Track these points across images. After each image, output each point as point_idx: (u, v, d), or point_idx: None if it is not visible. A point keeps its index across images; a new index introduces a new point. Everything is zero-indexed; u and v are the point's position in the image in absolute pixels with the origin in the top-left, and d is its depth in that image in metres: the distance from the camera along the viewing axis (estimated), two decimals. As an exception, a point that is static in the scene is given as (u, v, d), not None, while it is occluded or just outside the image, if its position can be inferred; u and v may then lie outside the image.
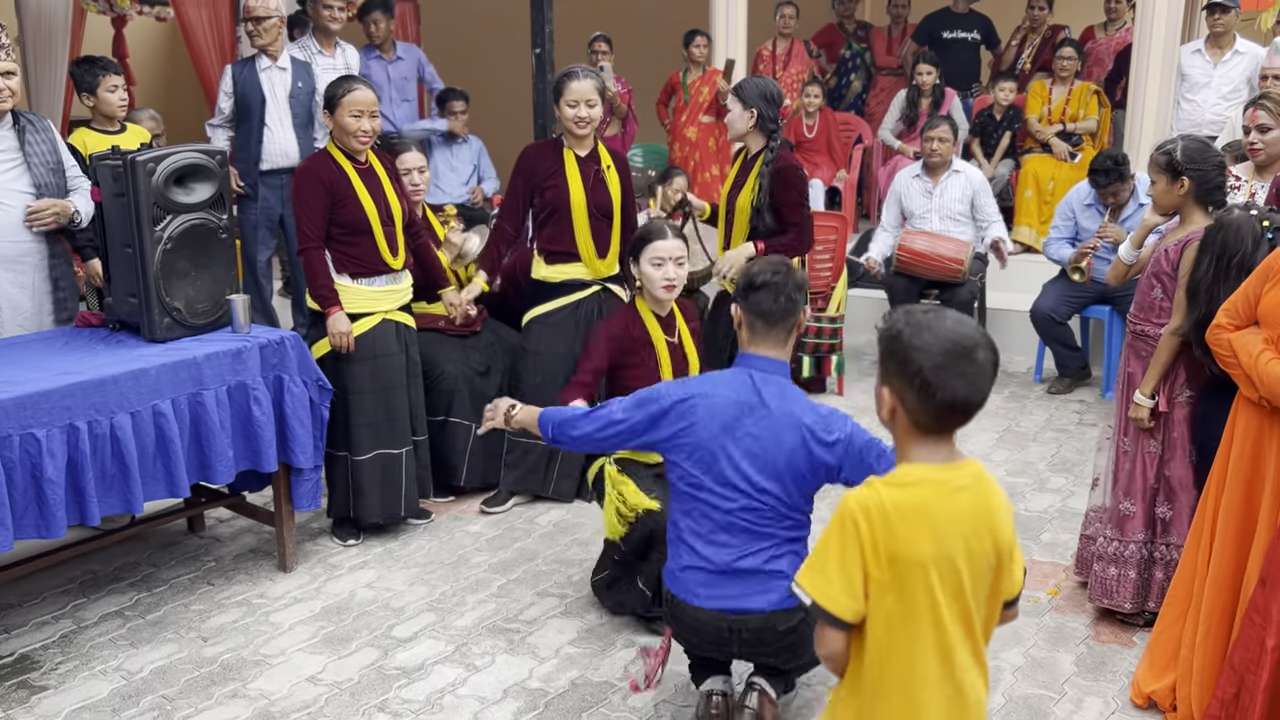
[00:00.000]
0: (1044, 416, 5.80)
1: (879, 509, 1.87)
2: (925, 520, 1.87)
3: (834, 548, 1.91)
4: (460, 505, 4.75)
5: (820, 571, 1.92)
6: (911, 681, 1.92)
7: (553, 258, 4.58)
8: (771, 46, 8.37)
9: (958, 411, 1.87)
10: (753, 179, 4.61)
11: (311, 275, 4.14)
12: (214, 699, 3.34)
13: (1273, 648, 2.72)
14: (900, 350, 1.87)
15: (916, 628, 1.90)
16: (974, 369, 1.84)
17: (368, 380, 4.22)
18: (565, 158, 4.52)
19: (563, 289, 4.59)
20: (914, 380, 1.85)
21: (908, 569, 1.87)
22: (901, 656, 1.91)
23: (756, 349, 2.90)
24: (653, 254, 3.74)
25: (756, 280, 2.85)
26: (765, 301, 2.84)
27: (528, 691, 3.38)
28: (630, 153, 7.97)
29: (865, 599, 1.91)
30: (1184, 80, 6.91)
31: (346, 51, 6.35)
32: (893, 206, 6.48)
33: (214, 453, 3.74)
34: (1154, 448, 3.53)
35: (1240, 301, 3.01)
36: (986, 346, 1.87)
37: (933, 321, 1.87)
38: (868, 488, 1.91)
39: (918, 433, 1.91)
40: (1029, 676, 3.42)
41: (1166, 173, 3.42)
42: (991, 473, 1.99)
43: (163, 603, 3.91)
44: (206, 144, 4.02)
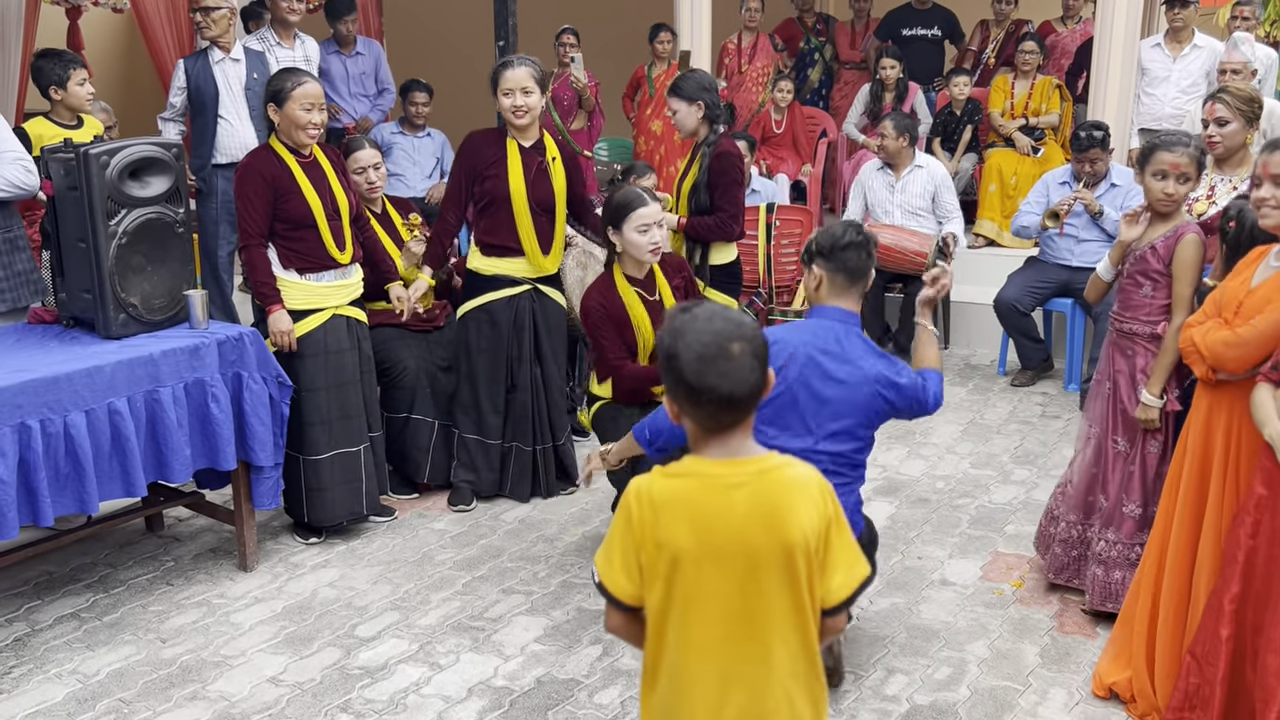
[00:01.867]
0: (1007, 409, 5.83)
1: (649, 496, 1.88)
2: (688, 512, 1.86)
3: (618, 530, 1.92)
4: (424, 502, 4.71)
5: (606, 551, 1.95)
6: (685, 677, 1.91)
7: (489, 250, 4.48)
8: (737, 40, 8.36)
9: (727, 407, 1.84)
10: (695, 166, 4.65)
11: (252, 272, 4.07)
12: (173, 701, 3.28)
13: (1227, 638, 2.75)
14: (666, 361, 1.87)
15: (686, 621, 1.88)
16: (730, 364, 1.82)
17: (320, 377, 4.16)
18: (508, 147, 4.42)
19: (493, 283, 4.49)
20: (680, 388, 1.85)
21: (672, 559, 1.86)
22: (674, 649, 1.91)
23: (834, 302, 3.09)
24: (638, 221, 3.87)
25: (843, 240, 3.05)
26: (852, 259, 3.05)
27: (493, 690, 3.35)
28: (596, 146, 7.93)
29: (642, 584, 1.92)
30: (1144, 74, 6.97)
31: (306, 44, 6.27)
32: (857, 199, 6.50)
33: (171, 451, 3.68)
34: (1154, 448, 3.52)
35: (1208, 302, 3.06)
36: (742, 337, 1.84)
37: (688, 325, 1.85)
38: (648, 475, 1.91)
39: (704, 432, 1.89)
40: (994, 668, 3.44)
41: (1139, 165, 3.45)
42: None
43: (120, 604, 3.85)
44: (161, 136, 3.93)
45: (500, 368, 4.53)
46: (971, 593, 3.91)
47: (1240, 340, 2.84)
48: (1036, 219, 5.98)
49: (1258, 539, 2.68)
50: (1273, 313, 2.79)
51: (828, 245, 3.07)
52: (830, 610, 1.95)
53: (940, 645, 3.57)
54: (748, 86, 8.25)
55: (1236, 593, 2.73)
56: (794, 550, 1.87)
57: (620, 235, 3.93)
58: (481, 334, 4.53)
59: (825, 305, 3.11)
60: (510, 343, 4.52)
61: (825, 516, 1.91)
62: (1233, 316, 2.90)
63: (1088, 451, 3.68)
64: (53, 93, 4.80)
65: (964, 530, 4.39)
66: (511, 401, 4.58)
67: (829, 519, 1.91)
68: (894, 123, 6.29)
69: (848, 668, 3.43)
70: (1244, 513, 2.73)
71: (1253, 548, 2.70)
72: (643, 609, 1.95)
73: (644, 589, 1.92)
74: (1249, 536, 2.70)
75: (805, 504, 1.88)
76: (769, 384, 1.89)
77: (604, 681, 3.38)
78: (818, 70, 8.89)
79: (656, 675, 1.96)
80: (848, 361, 3.03)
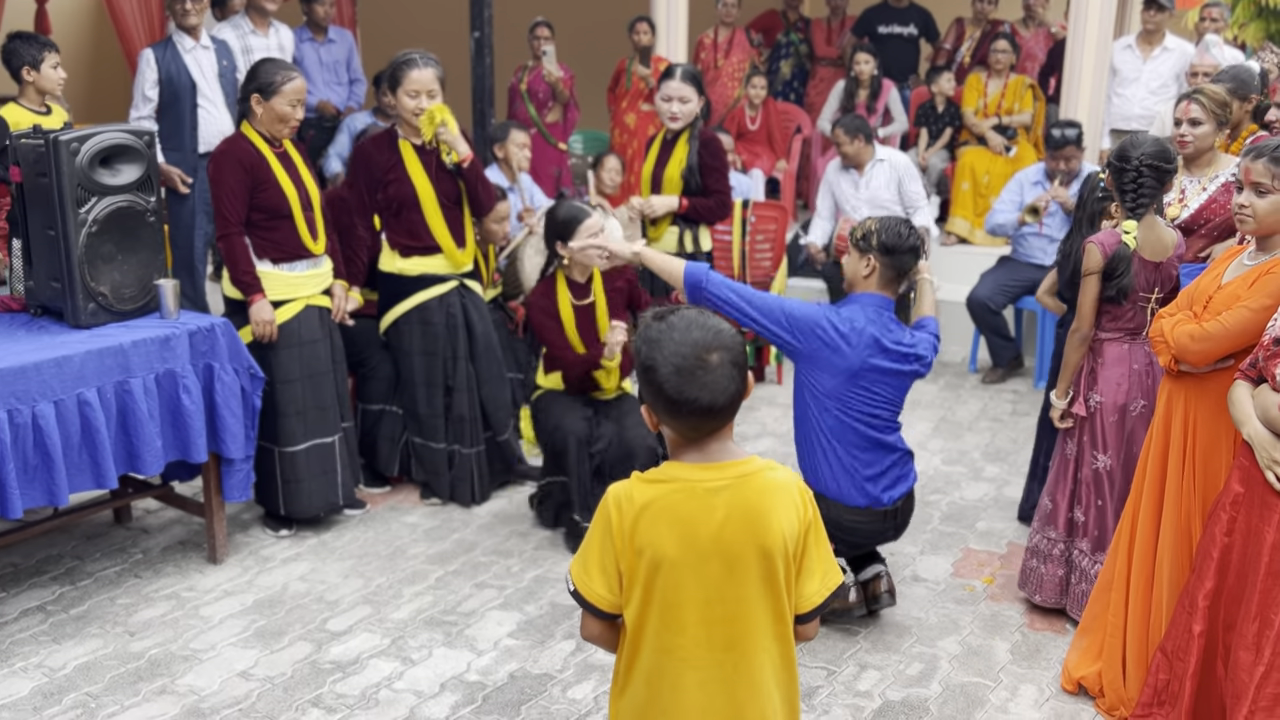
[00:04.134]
0: (978, 406, 5.87)
1: (629, 502, 1.86)
2: (670, 518, 1.84)
3: (595, 537, 1.90)
4: (396, 496, 4.68)
5: (582, 559, 1.93)
6: (662, 683, 1.90)
7: (409, 251, 4.40)
8: (713, 35, 8.35)
9: (706, 417, 1.83)
10: (681, 151, 4.78)
11: (232, 261, 4.02)
12: (141, 695, 3.25)
13: (1199, 634, 2.78)
14: (643, 371, 1.86)
15: (665, 627, 1.87)
16: (709, 374, 1.80)
17: (295, 367, 4.13)
18: (403, 150, 4.33)
19: (421, 283, 4.44)
20: (659, 400, 1.84)
21: (653, 565, 1.85)
22: (653, 654, 1.90)
23: (880, 291, 3.43)
24: (586, 234, 4.02)
25: (906, 244, 3.38)
26: (908, 262, 3.41)
27: (466, 684, 3.33)
28: (571, 139, 7.91)
29: (621, 591, 1.90)
30: (1114, 75, 7.03)
31: (280, 31, 6.21)
32: (826, 196, 6.54)
33: (142, 442, 3.63)
34: (1071, 449, 3.57)
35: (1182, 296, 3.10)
36: (721, 346, 1.82)
37: (664, 336, 1.83)
38: (627, 481, 1.90)
39: (682, 440, 1.88)
40: (965, 665, 3.46)
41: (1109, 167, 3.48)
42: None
43: (87, 596, 3.80)
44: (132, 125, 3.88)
45: (437, 370, 4.46)
46: (943, 589, 3.93)
47: (1205, 335, 2.90)
48: (1011, 217, 6.02)
49: (1233, 536, 2.72)
50: (1238, 310, 2.85)
51: (892, 244, 3.37)
52: (802, 617, 1.94)
53: (912, 641, 3.59)
54: (723, 82, 8.25)
55: (1210, 589, 2.76)
56: (773, 554, 1.86)
57: (569, 249, 4.06)
58: (414, 336, 4.45)
59: (872, 293, 3.43)
60: (445, 343, 4.45)
61: (804, 521, 1.90)
62: (1202, 310, 2.96)
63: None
64: (25, 74, 4.73)
65: (935, 527, 4.42)
66: (450, 403, 4.51)
67: (808, 523, 1.91)
68: (844, 128, 6.32)
69: (819, 664, 3.45)
70: (1219, 509, 2.77)
71: (1228, 545, 2.73)
72: (621, 616, 1.92)
73: (623, 596, 1.90)
74: (1224, 534, 2.73)
75: (785, 508, 1.87)
76: (749, 390, 1.89)
77: (577, 676, 3.38)
78: (790, 64, 8.90)
79: (629, 678, 1.95)
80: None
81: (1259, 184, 2.83)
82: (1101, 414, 3.48)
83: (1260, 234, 2.89)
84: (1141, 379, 3.46)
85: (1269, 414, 2.57)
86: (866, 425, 3.43)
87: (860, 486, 3.45)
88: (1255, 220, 2.86)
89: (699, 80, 4.81)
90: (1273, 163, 2.81)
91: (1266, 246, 2.90)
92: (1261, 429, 2.60)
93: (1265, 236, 2.89)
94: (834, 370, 3.37)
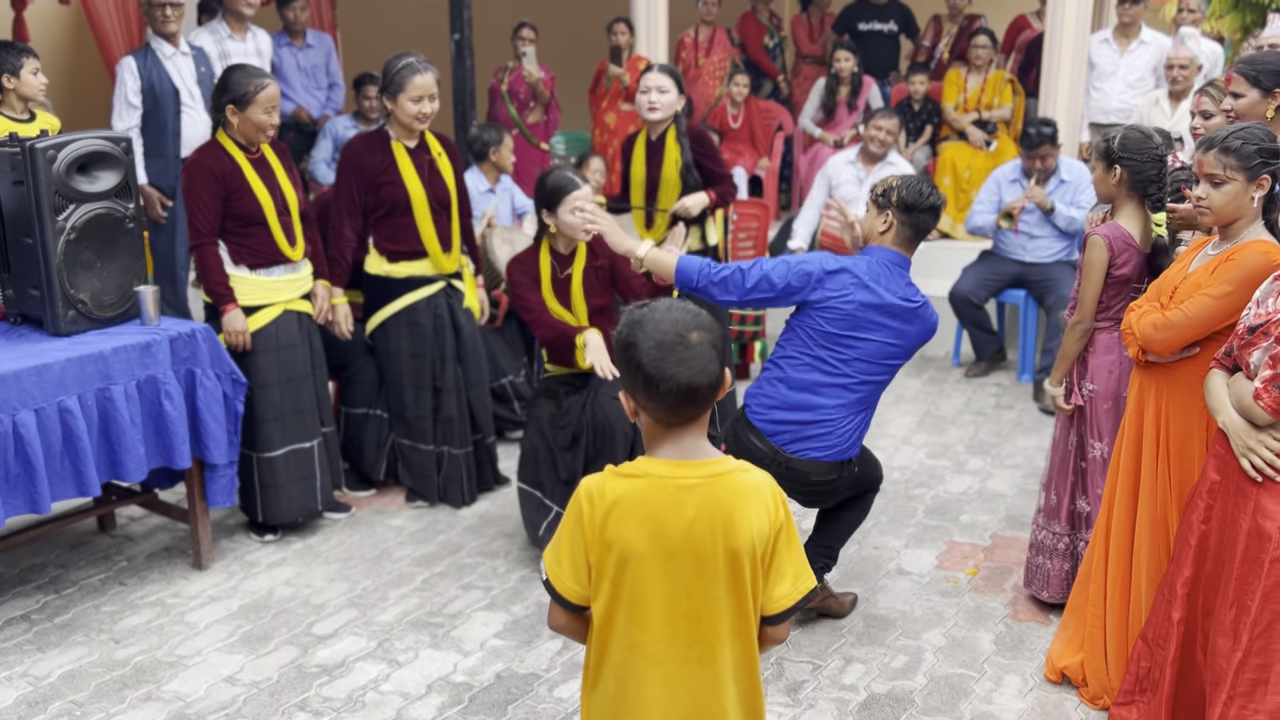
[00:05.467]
0: (962, 399, 5.90)
1: (600, 495, 1.87)
2: (640, 512, 1.85)
3: (567, 529, 1.92)
4: (382, 499, 4.68)
5: (555, 550, 1.94)
6: (628, 678, 1.91)
7: (396, 256, 4.39)
8: (694, 34, 8.37)
9: (685, 399, 1.84)
10: (672, 151, 4.80)
11: (204, 271, 4.01)
12: (126, 703, 3.24)
13: (1178, 621, 2.80)
14: (623, 352, 1.87)
15: (633, 622, 1.88)
16: (690, 352, 1.82)
17: (273, 373, 4.12)
18: (396, 151, 4.31)
19: (408, 285, 4.43)
20: (638, 378, 1.85)
21: (621, 559, 1.86)
22: (620, 649, 1.90)
23: (896, 248, 3.36)
24: (572, 204, 3.98)
25: (925, 202, 3.31)
26: (927, 221, 3.35)
27: (452, 686, 3.34)
28: (553, 139, 7.91)
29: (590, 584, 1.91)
30: (1092, 69, 7.06)
31: (258, 36, 6.19)
32: (821, 188, 6.50)
33: (124, 450, 3.63)
34: (1074, 439, 3.58)
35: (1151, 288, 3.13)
36: (701, 327, 1.85)
37: (646, 316, 1.86)
38: (600, 474, 1.91)
39: (661, 428, 1.89)
40: (950, 656, 3.48)
41: (1103, 160, 3.43)
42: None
43: (71, 605, 3.79)
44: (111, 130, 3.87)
45: (425, 372, 4.46)
46: (927, 582, 3.95)
47: (1168, 323, 2.93)
48: (990, 219, 6.04)
49: (1210, 524, 2.74)
50: (1200, 298, 2.88)
51: (911, 201, 3.31)
52: (772, 619, 1.94)
53: (897, 634, 3.61)
54: (704, 81, 8.26)
55: (1188, 576, 2.78)
56: (740, 555, 1.86)
57: (555, 217, 4.03)
58: (402, 338, 4.44)
59: (887, 248, 3.36)
60: (432, 344, 4.45)
61: (775, 523, 1.90)
62: (1168, 301, 2.98)
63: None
64: (5, 81, 4.71)
65: (919, 520, 4.44)
66: (438, 404, 4.51)
67: (779, 525, 1.91)
68: (898, 120, 6.36)
69: (804, 658, 3.46)
70: (1196, 497, 2.79)
71: (1205, 532, 2.75)
72: (588, 608, 1.94)
73: (591, 589, 1.91)
74: (1201, 521, 2.75)
75: (756, 509, 1.88)
76: (726, 382, 1.90)
77: (564, 675, 3.38)
78: (780, 65, 8.92)
79: (599, 674, 1.96)
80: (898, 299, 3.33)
81: (1212, 175, 2.86)
82: (1096, 402, 3.49)
83: (1220, 224, 2.92)
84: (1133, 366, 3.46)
85: (1243, 402, 2.59)
86: (816, 365, 3.30)
87: (768, 414, 3.36)
88: (1213, 212, 2.89)
89: (677, 76, 4.83)
90: (1223, 153, 2.83)
91: (1229, 235, 2.93)
92: (1236, 417, 2.62)
93: (1226, 226, 2.92)
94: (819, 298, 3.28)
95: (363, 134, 4.48)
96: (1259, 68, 3.40)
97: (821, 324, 3.29)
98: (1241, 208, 2.87)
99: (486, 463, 4.70)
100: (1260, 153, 2.82)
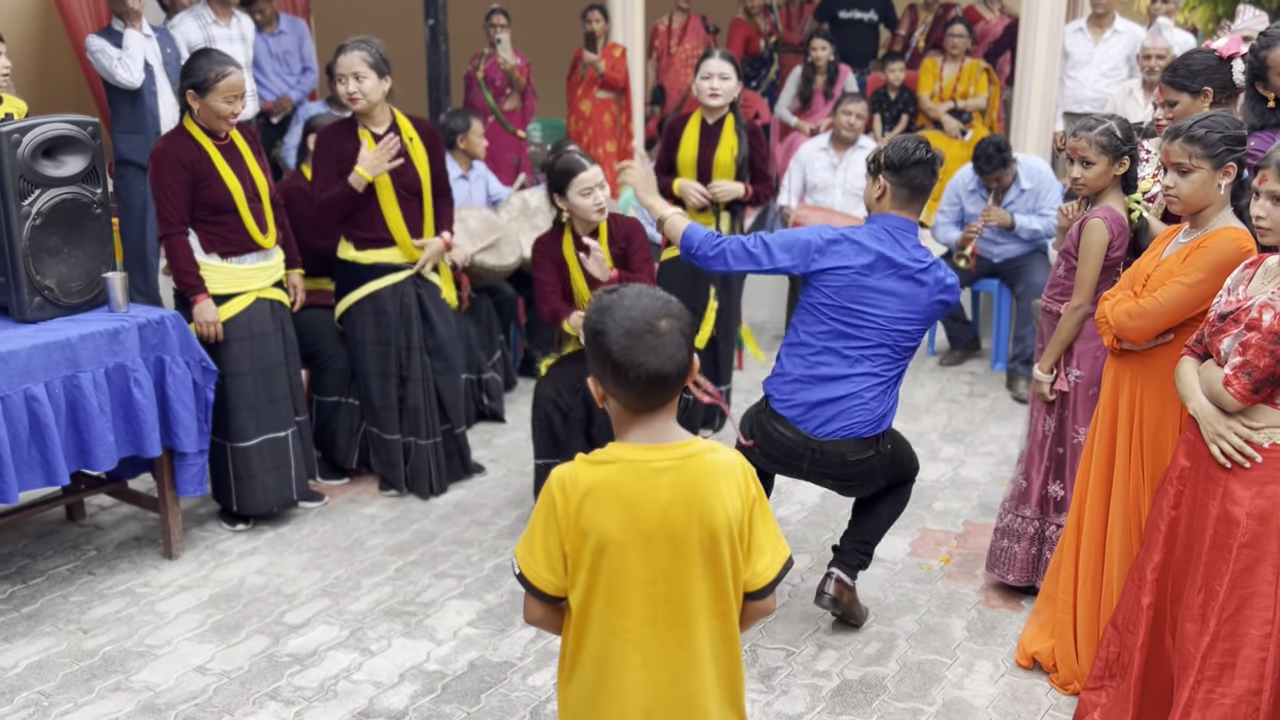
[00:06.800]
0: (936, 388, 5.92)
1: (574, 484, 1.86)
2: (615, 498, 1.85)
3: (539, 520, 1.91)
4: (355, 487, 4.65)
5: (527, 542, 1.93)
6: (607, 664, 1.90)
7: (364, 244, 4.35)
8: (668, 21, 8.34)
9: (654, 386, 1.83)
10: (730, 139, 4.86)
11: (174, 261, 3.96)
12: (95, 693, 3.21)
13: (1148, 606, 2.82)
14: (592, 338, 1.86)
15: (611, 608, 1.88)
16: (659, 340, 1.82)
17: (246, 361, 4.08)
18: (364, 139, 4.25)
19: (374, 271, 4.37)
20: (607, 364, 1.84)
21: (598, 547, 1.85)
22: (598, 635, 1.90)
23: (897, 212, 3.29)
24: (580, 186, 4.00)
25: (912, 157, 3.23)
26: (919, 176, 3.26)
27: (425, 674, 3.32)
28: (529, 127, 7.88)
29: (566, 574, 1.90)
30: (1066, 58, 7.09)
31: (242, 21, 6.14)
32: (795, 176, 6.50)
33: (93, 438, 3.59)
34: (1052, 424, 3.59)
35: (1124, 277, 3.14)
36: (671, 314, 1.85)
37: (615, 303, 1.85)
38: (572, 463, 1.91)
39: (629, 414, 1.89)
40: (922, 642, 3.49)
41: (1109, 153, 3.39)
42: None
43: (39, 594, 3.75)
44: (78, 115, 3.81)
45: (390, 360, 4.42)
46: (900, 569, 3.97)
47: (1142, 311, 2.94)
48: (954, 234, 5.98)
49: (1180, 509, 2.76)
50: (1172, 285, 2.90)
51: (898, 160, 3.24)
52: (756, 593, 1.95)
53: (870, 621, 3.62)
54: (677, 69, 8.24)
55: (1158, 562, 2.80)
56: (718, 535, 1.86)
57: (565, 200, 4.05)
58: (367, 326, 4.40)
59: (888, 214, 3.30)
60: (398, 333, 4.41)
61: (748, 500, 1.91)
62: (1141, 289, 3.00)
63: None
64: None
65: (894, 507, 4.45)
66: (404, 394, 4.48)
67: (752, 501, 1.91)
68: (865, 103, 6.39)
69: (778, 645, 3.47)
70: (1167, 483, 2.80)
71: (1175, 518, 2.77)
72: (565, 599, 1.93)
73: (567, 579, 1.90)
74: (1171, 507, 2.77)
75: (728, 488, 1.88)
76: (695, 368, 1.89)
77: (537, 663, 3.38)
78: (774, 68, 8.89)
79: (576, 663, 1.95)
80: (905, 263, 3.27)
81: (1179, 164, 2.88)
82: (1081, 388, 3.50)
83: (1188, 212, 2.94)
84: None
85: (1213, 388, 2.61)
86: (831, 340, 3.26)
87: (791, 398, 3.31)
88: (1181, 200, 2.91)
89: (736, 63, 4.88)
90: (1188, 142, 2.86)
91: (1199, 223, 2.95)
92: (1206, 403, 2.64)
93: (1195, 214, 2.94)
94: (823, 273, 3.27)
95: (333, 123, 4.43)
96: (1182, 75, 3.48)
97: (830, 296, 3.25)
98: (1209, 195, 2.89)
99: (456, 453, 4.66)
100: (1225, 140, 2.85)
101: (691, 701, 1.91)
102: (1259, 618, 2.54)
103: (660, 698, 1.90)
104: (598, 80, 7.49)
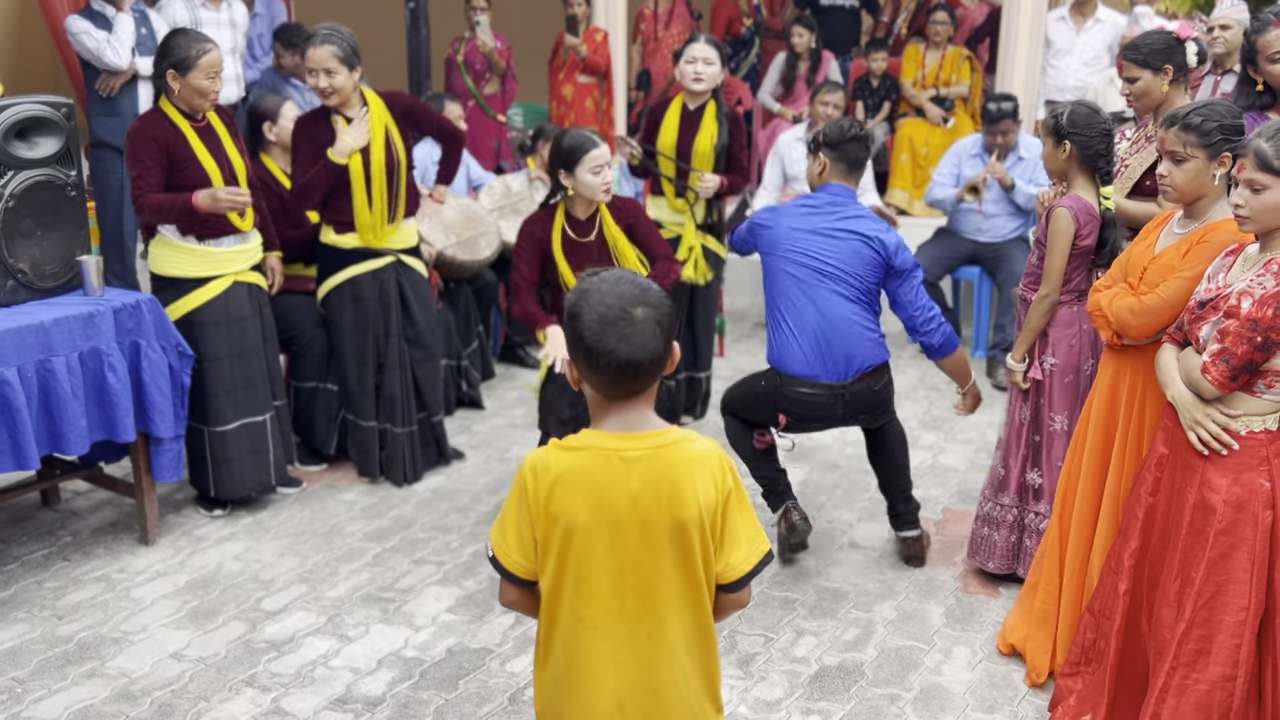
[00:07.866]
0: (916, 375, 5.93)
1: (545, 469, 1.85)
2: (584, 485, 1.84)
3: (512, 504, 1.90)
4: (334, 473, 4.63)
5: (500, 525, 1.92)
6: (577, 653, 1.89)
7: (343, 228, 4.32)
8: (653, 6, 8.30)
9: (624, 374, 1.81)
10: (710, 125, 4.85)
11: (159, 207, 3.84)
12: (70, 679, 3.19)
13: (1124, 592, 2.83)
14: (569, 319, 1.85)
15: (579, 596, 1.87)
16: (632, 328, 1.80)
17: (224, 346, 4.05)
18: (338, 126, 4.21)
19: (354, 256, 4.34)
20: (580, 349, 1.83)
21: (566, 533, 1.84)
22: (568, 622, 1.89)
23: (836, 182, 3.74)
24: (592, 163, 3.87)
25: (847, 134, 3.68)
26: (853, 151, 3.70)
27: (403, 661, 3.31)
28: (510, 111, 7.83)
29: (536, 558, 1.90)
30: (1048, 47, 7.09)
31: (234, 6, 6.07)
32: (775, 167, 6.49)
33: (66, 422, 3.56)
34: (1027, 412, 3.60)
35: (1115, 266, 3.11)
36: (647, 303, 1.82)
37: (594, 287, 1.84)
38: (543, 448, 1.90)
39: (603, 400, 1.88)
40: (900, 629, 3.50)
41: (1052, 136, 3.41)
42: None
43: (13, 581, 3.72)
44: (51, 95, 3.76)
45: (368, 346, 4.39)
46: (879, 555, 3.98)
47: (1145, 308, 2.89)
48: (950, 192, 6.02)
49: (1157, 496, 2.76)
50: (1175, 281, 2.85)
51: (835, 138, 3.69)
52: (730, 586, 1.93)
53: (849, 607, 3.63)
54: (663, 54, 8.20)
55: (1135, 548, 2.81)
56: (688, 525, 1.85)
57: (573, 177, 3.89)
58: (346, 311, 4.37)
59: (830, 183, 3.74)
60: (376, 319, 4.38)
61: (723, 490, 1.88)
62: (1137, 282, 2.96)
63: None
64: None
65: (872, 495, 4.45)
66: (381, 381, 4.45)
67: (728, 492, 1.89)
68: (842, 93, 6.34)
69: (757, 631, 3.47)
70: (1145, 470, 2.81)
71: (1152, 505, 2.78)
72: (538, 583, 1.92)
73: (538, 563, 1.89)
74: (1149, 494, 2.78)
75: (702, 478, 1.86)
76: (674, 358, 1.87)
77: (516, 650, 3.37)
78: (754, 50, 8.86)
79: (550, 649, 1.94)
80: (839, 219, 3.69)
81: (1174, 153, 2.85)
82: (1056, 376, 3.50)
83: (1183, 202, 2.91)
84: (1092, 339, 3.45)
85: (1191, 375, 2.61)
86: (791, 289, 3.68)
87: (798, 354, 3.67)
88: (1175, 190, 2.87)
89: (721, 48, 4.86)
90: (1183, 130, 2.82)
91: (1193, 213, 2.91)
92: (1185, 391, 2.64)
93: (1191, 204, 2.91)
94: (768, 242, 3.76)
95: (308, 113, 4.36)
96: (1143, 51, 3.56)
97: (770, 255, 3.75)
98: (1204, 185, 2.85)
99: (433, 441, 4.64)
100: (1221, 129, 2.80)
101: (660, 694, 1.90)
102: (1234, 604, 2.56)
103: (630, 688, 1.89)
104: (579, 65, 7.45)
